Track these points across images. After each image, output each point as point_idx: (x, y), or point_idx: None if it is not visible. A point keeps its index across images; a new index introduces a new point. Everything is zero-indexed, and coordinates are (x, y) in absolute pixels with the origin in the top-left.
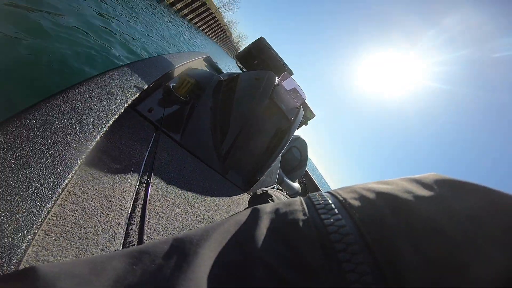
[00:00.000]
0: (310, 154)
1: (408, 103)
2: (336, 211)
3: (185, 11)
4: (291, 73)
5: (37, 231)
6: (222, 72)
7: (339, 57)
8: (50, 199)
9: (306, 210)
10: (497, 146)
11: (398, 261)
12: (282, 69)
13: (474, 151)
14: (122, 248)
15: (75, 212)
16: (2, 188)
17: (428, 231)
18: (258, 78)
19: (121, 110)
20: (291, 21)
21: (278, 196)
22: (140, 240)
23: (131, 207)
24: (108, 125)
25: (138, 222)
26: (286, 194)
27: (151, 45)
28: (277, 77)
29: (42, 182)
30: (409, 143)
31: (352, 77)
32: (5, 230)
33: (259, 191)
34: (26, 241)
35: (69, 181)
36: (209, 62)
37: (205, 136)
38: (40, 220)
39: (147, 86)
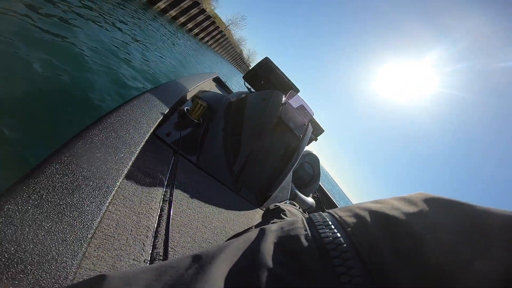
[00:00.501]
0: (328, 168)
1: (421, 109)
2: (332, 226)
3: (196, 30)
4: (297, 90)
5: (90, 243)
6: (231, 91)
7: (350, 67)
8: (98, 216)
9: (307, 227)
10: None
11: (383, 265)
12: (288, 87)
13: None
14: (150, 258)
15: (110, 227)
16: (63, 205)
17: (410, 240)
18: (265, 99)
19: (146, 138)
20: (299, 32)
21: (291, 210)
22: (166, 252)
23: (156, 222)
24: (137, 152)
25: (163, 235)
26: (300, 208)
27: (167, 66)
28: (283, 96)
29: (91, 201)
30: (426, 149)
31: (364, 86)
32: (66, 240)
33: (271, 206)
34: (82, 251)
35: (110, 200)
36: (218, 81)
37: (218, 156)
38: (91, 234)
39: (165, 111)
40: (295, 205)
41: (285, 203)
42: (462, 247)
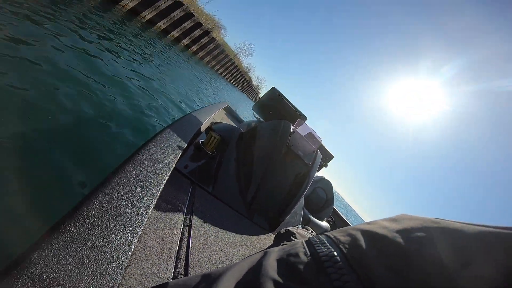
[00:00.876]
0: (341, 191)
1: (431, 126)
2: (328, 244)
3: (207, 59)
4: (304, 118)
5: (130, 260)
6: (242, 120)
7: (359, 84)
8: (135, 238)
9: (306, 246)
10: None
11: (371, 273)
12: (295, 115)
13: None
14: (172, 276)
15: (140, 248)
16: (109, 228)
17: (397, 254)
18: (274, 129)
19: (170, 172)
20: (306, 54)
21: (301, 233)
22: (186, 271)
23: (178, 245)
24: (163, 184)
25: (184, 257)
26: (313, 232)
27: (185, 95)
28: (292, 125)
29: (130, 225)
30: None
31: (374, 104)
32: (112, 257)
33: (283, 230)
34: (124, 267)
35: (145, 225)
36: (229, 111)
37: (232, 185)
38: (131, 252)
39: (184, 146)
40: (307, 229)
41: (297, 227)
42: (445, 259)
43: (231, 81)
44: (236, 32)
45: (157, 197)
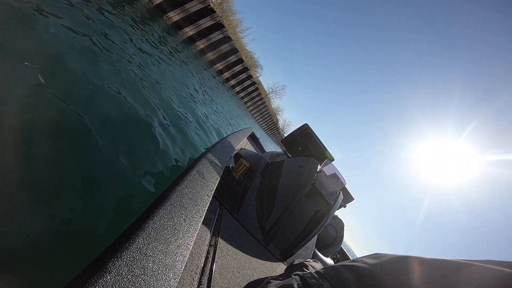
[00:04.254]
0: (350, 237)
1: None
2: (318, 277)
3: (241, 94)
4: (332, 159)
5: (182, 272)
6: (264, 148)
7: (384, 137)
8: (187, 253)
9: (299, 280)
10: None
11: None
12: (323, 155)
13: None
14: None
15: None
16: (169, 242)
17: (369, 280)
18: (302, 166)
19: (211, 197)
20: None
21: (314, 265)
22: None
23: (203, 263)
24: (207, 205)
25: (208, 274)
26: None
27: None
28: (319, 165)
29: (183, 240)
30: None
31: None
32: (169, 271)
33: (296, 261)
34: (177, 279)
35: (190, 251)
36: (253, 138)
37: (253, 213)
38: (183, 265)
39: (222, 171)
40: (317, 262)
41: (309, 260)
42: (416, 284)
43: (258, 120)
44: (271, 73)
45: (203, 216)
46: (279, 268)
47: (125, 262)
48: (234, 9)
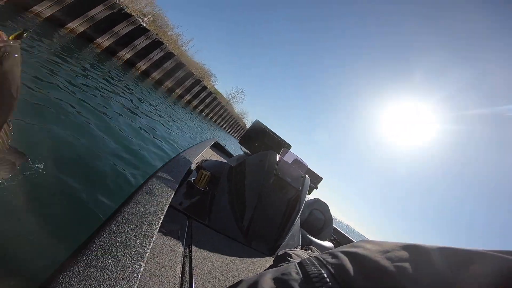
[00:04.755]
0: (336, 213)
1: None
2: (317, 265)
3: (200, 107)
4: (289, 146)
5: (138, 284)
6: (231, 154)
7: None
8: (141, 266)
9: (298, 267)
10: None
11: (351, 283)
12: (280, 145)
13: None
14: None
15: (145, 276)
16: (119, 257)
17: (370, 267)
18: (261, 160)
19: (166, 209)
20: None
21: (298, 253)
22: None
23: (181, 272)
24: (161, 219)
25: (188, 282)
26: (316, 252)
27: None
28: (277, 155)
29: (136, 254)
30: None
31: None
32: (122, 281)
33: (281, 252)
34: None
35: (148, 257)
36: (218, 147)
37: (226, 216)
38: (139, 276)
39: (177, 186)
40: (311, 250)
41: (297, 248)
42: (423, 274)
43: (226, 128)
44: (229, 78)
45: (157, 230)
46: (269, 262)
47: (76, 276)
48: (171, 24)
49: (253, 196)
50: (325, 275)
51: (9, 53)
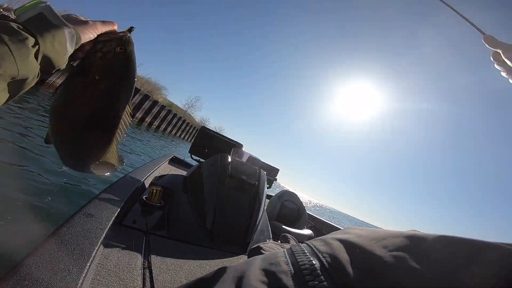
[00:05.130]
0: (319, 199)
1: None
2: (307, 253)
3: (156, 123)
4: (240, 146)
5: None
6: (192, 165)
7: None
8: (81, 276)
9: (287, 256)
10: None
11: (345, 276)
12: (230, 145)
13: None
14: None
15: None
16: (58, 270)
17: (365, 257)
18: (213, 164)
19: (109, 225)
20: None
21: (270, 246)
22: None
23: (142, 283)
24: (102, 237)
25: None
26: (294, 241)
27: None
28: (229, 156)
29: (75, 268)
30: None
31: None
32: None
33: (254, 247)
34: None
35: (95, 270)
36: (176, 160)
37: (188, 223)
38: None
39: (122, 203)
40: (276, 242)
41: (269, 241)
42: (426, 265)
43: (189, 139)
44: (181, 85)
45: (98, 245)
46: (243, 259)
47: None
48: None
49: (211, 200)
50: (317, 267)
51: (130, 41)
